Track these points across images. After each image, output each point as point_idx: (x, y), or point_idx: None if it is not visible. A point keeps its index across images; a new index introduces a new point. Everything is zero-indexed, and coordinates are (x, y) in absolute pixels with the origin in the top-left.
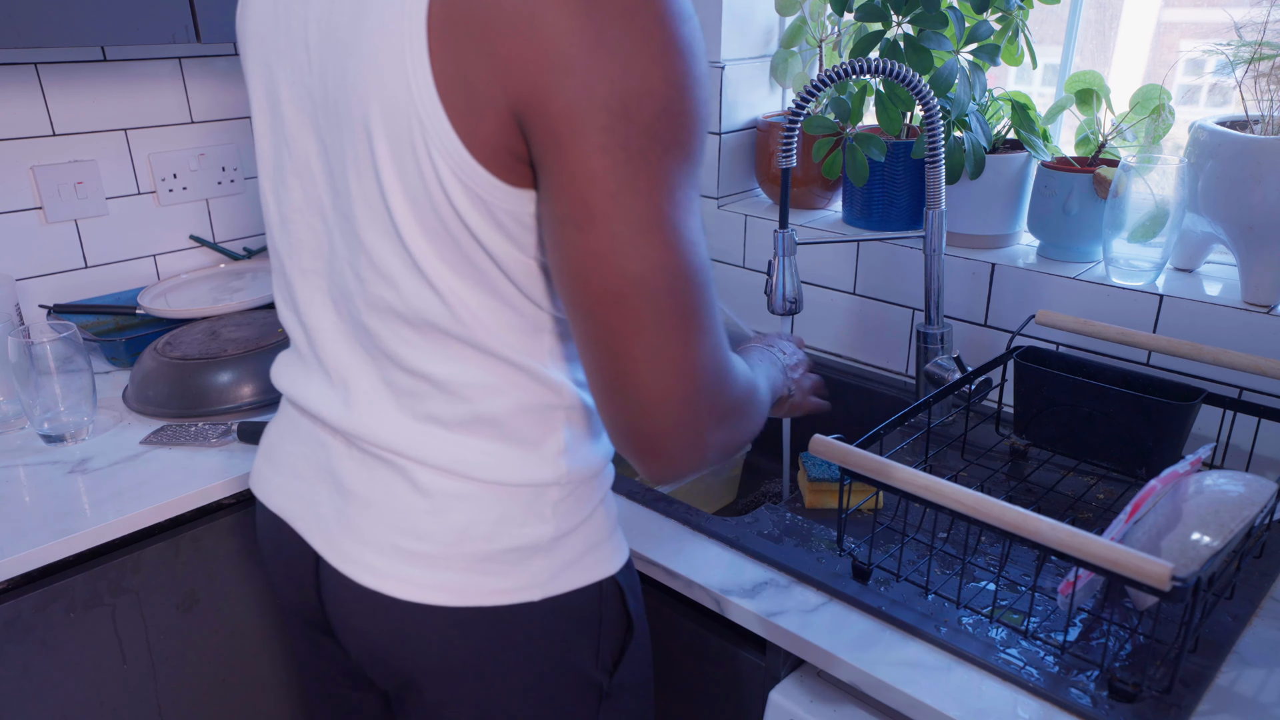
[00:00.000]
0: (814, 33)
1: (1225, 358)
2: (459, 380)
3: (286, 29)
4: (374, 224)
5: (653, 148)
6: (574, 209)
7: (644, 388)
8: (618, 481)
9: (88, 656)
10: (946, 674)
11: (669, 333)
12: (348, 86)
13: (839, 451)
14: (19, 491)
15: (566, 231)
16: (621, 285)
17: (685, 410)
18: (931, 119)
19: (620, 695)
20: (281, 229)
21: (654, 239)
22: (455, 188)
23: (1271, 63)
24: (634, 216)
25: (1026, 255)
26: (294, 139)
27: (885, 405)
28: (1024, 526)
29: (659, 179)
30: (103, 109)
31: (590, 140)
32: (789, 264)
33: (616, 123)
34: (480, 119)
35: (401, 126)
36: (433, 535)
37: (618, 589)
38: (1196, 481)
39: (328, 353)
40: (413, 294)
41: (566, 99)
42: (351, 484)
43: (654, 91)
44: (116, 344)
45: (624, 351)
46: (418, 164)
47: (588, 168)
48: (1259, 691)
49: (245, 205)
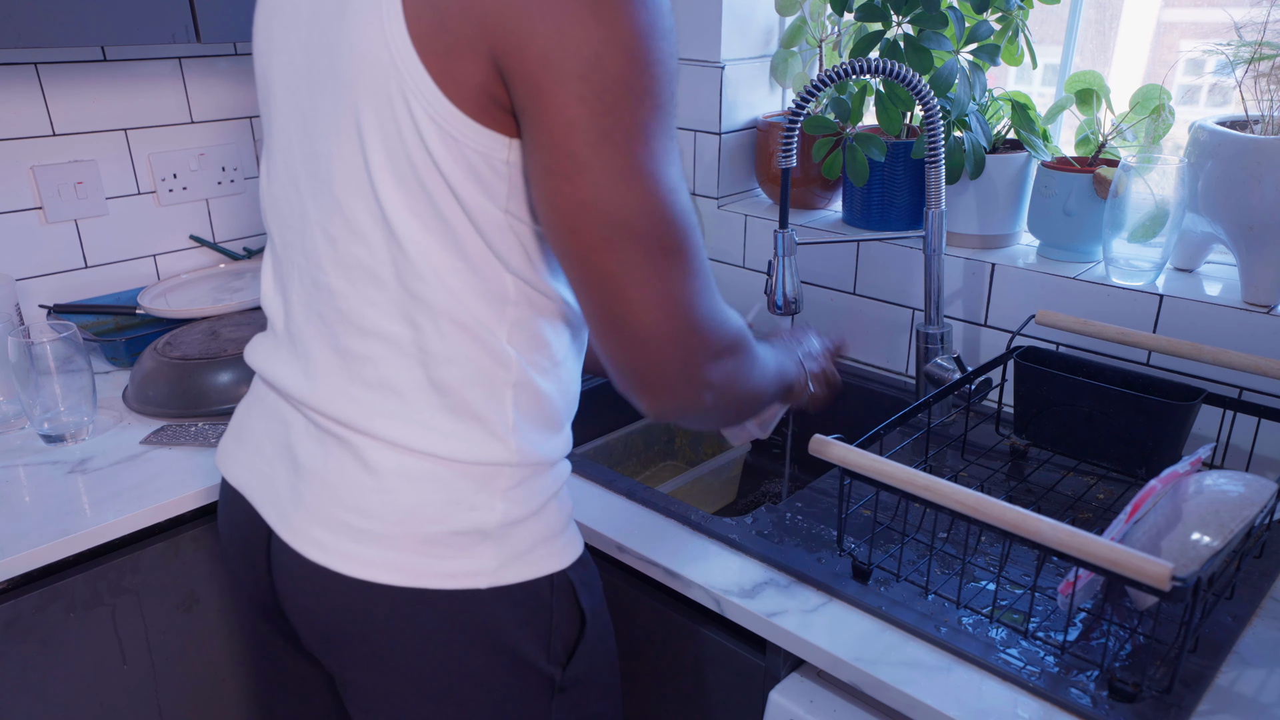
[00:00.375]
0: (814, 33)
1: (1225, 358)
2: (416, 342)
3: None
4: (349, 180)
5: (627, 98)
6: (558, 160)
7: (638, 324)
8: (618, 480)
9: (88, 656)
10: (946, 674)
11: (658, 272)
12: (329, 49)
13: (839, 451)
14: (19, 491)
15: (554, 181)
16: (609, 231)
17: (678, 342)
18: (931, 119)
19: (575, 689)
20: (272, 208)
21: (635, 186)
22: (430, 131)
23: (1271, 63)
24: (615, 165)
25: (1026, 255)
26: (278, 113)
27: (885, 405)
28: (1024, 526)
29: (635, 129)
30: (103, 109)
31: (569, 87)
32: (789, 264)
33: (591, 71)
34: (458, 62)
35: (379, 78)
36: (381, 514)
37: (569, 584)
38: (1196, 481)
39: (296, 326)
40: (381, 248)
41: (542, 44)
42: (306, 460)
43: (623, 41)
44: (116, 344)
45: (617, 292)
46: (394, 112)
47: (567, 116)
48: (1259, 691)
49: (245, 205)
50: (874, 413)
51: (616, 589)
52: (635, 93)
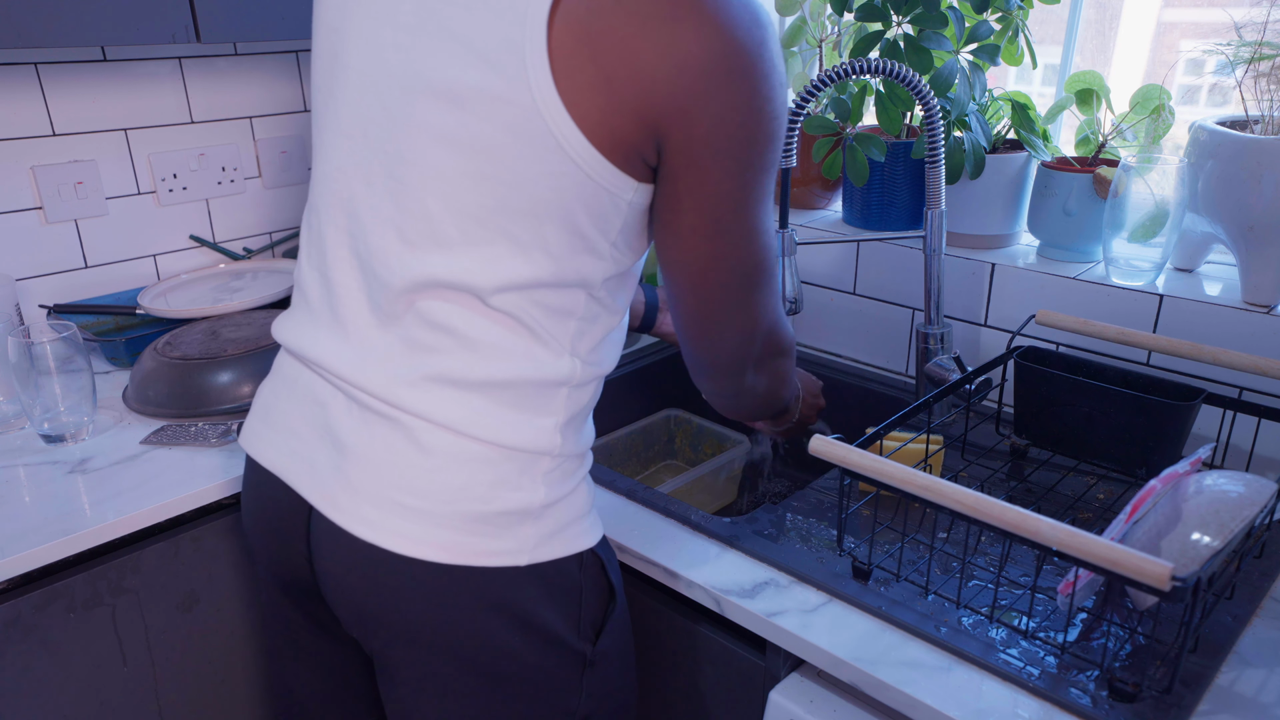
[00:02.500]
0: (814, 33)
1: (1225, 358)
2: (482, 339)
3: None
4: (440, 193)
5: (762, 171)
6: (703, 222)
7: (725, 335)
8: (618, 480)
9: (88, 656)
10: (946, 674)
11: (749, 298)
12: (444, 69)
13: (839, 451)
14: (19, 491)
15: (695, 240)
16: (728, 277)
17: (752, 344)
18: (931, 119)
19: (603, 664)
20: (323, 184)
21: (756, 243)
22: (563, 167)
23: (1271, 63)
24: (748, 228)
25: (1026, 255)
26: (351, 100)
27: (885, 405)
28: (1024, 526)
29: (764, 195)
30: (103, 109)
31: (723, 165)
32: (789, 264)
33: (741, 151)
34: (617, 119)
35: (515, 112)
36: (431, 493)
37: (597, 560)
38: (1196, 481)
39: (347, 307)
40: (462, 261)
41: (706, 125)
42: (350, 440)
43: (765, 126)
44: (116, 344)
45: (716, 315)
46: (525, 147)
47: (718, 189)
48: (1259, 691)
49: (245, 205)
50: (874, 413)
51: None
52: (769, 166)
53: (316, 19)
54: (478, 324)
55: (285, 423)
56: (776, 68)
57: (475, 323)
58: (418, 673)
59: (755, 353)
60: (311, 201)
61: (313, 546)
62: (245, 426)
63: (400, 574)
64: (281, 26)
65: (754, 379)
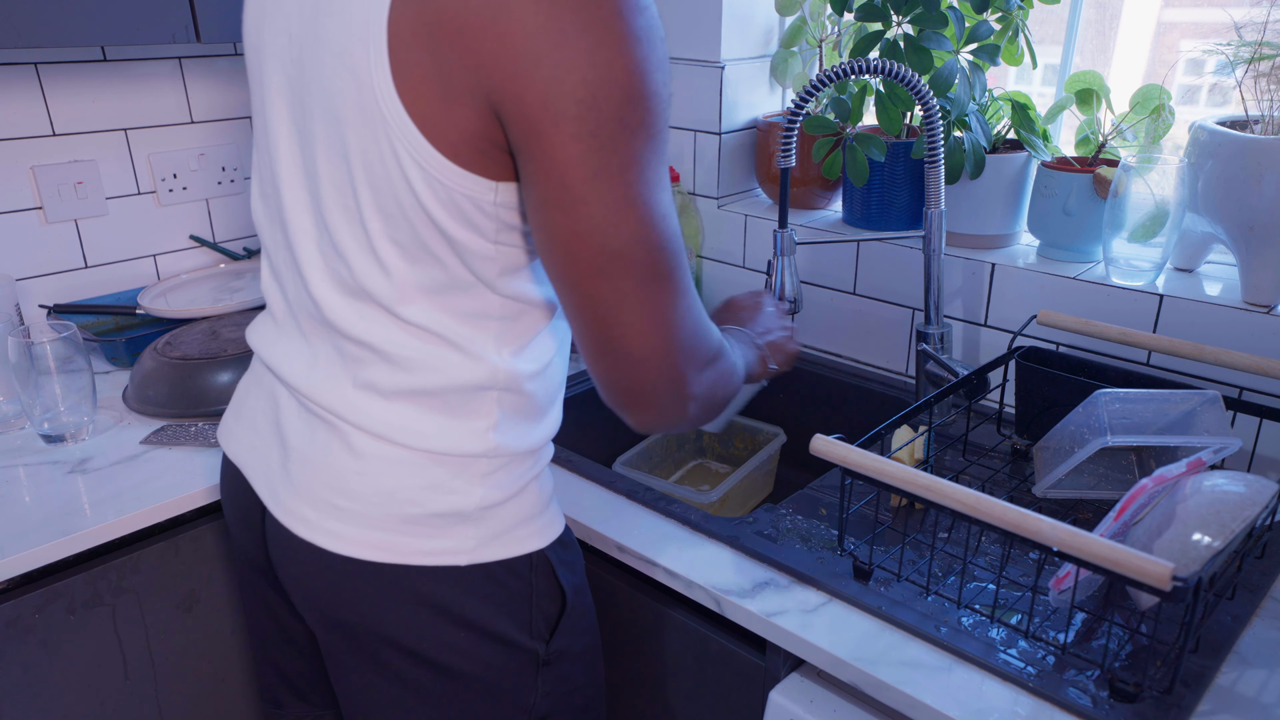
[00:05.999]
0: (814, 33)
1: (1226, 358)
2: (400, 353)
3: (275, 14)
4: (338, 204)
5: (621, 133)
6: (555, 192)
7: (629, 347)
8: (619, 480)
9: (88, 657)
10: (947, 674)
11: (649, 297)
12: (320, 77)
13: (840, 451)
14: (19, 491)
15: (550, 213)
16: (603, 260)
17: (668, 362)
18: (931, 119)
19: (560, 662)
20: (263, 208)
21: (629, 216)
22: (417, 175)
23: (1271, 63)
24: (610, 198)
25: (1026, 255)
26: (273, 121)
27: (885, 405)
28: (1024, 526)
29: (629, 161)
30: (103, 109)
31: (565, 128)
32: (789, 264)
33: (587, 111)
34: (456, 109)
35: (366, 120)
36: (364, 496)
37: (548, 562)
38: (1197, 481)
39: (295, 316)
40: (364, 273)
41: (539, 90)
42: (294, 440)
43: (617, 80)
44: (116, 344)
45: (610, 317)
46: (380, 154)
47: (564, 154)
48: (1259, 691)
49: (245, 205)
50: (874, 413)
51: (616, 589)
52: (630, 127)
53: (245, 42)
54: (394, 337)
55: (250, 418)
56: (626, 17)
57: (391, 336)
58: (364, 662)
59: (674, 373)
60: (256, 214)
61: (268, 538)
62: (222, 419)
63: (338, 571)
64: None
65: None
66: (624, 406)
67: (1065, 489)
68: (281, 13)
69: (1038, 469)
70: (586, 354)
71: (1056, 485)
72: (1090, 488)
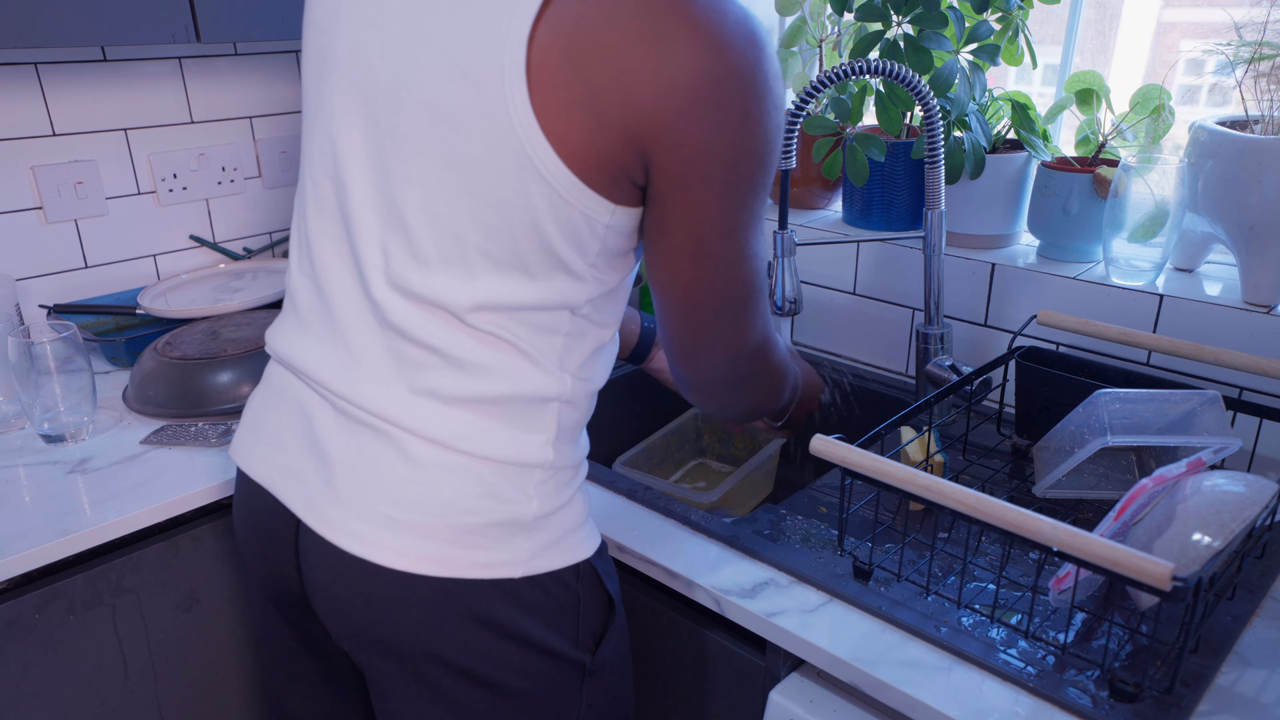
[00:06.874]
0: (814, 33)
1: (1226, 358)
2: (468, 358)
3: (361, 3)
4: (423, 210)
5: (752, 194)
6: (690, 244)
7: (713, 357)
8: (619, 480)
9: (88, 657)
10: (947, 674)
11: (738, 321)
12: (423, 79)
13: (840, 451)
14: (19, 491)
15: (680, 260)
16: (718, 302)
17: (739, 366)
18: (931, 119)
19: (603, 673)
20: (312, 191)
21: (744, 267)
22: (540, 192)
23: (1271, 63)
24: (735, 252)
25: (1026, 255)
26: (339, 111)
27: (885, 405)
28: (1025, 526)
29: (752, 217)
30: (103, 109)
31: (712, 190)
32: (789, 264)
33: (730, 174)
34: (600, 139)
35: (490, 130)
36: (420, 505)
37: (594, 571)
38: (1197, 482)
39: (338, 317)
40: (441, 279)
41: (694, 147)
42: (336, 452)
43: (757, 150)
44: (116, 344)
45: (704, 337)
46: (498, 167)
47: (706, 213)
48: (1259, 691)
49: (245, 205)
50: (874, 413)
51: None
52: (757, 188)
53: (307, 19)
54: (462, 342)
55: (274, 434)
56: (772, 89)
57: (459, 341)
58: (412, 684)
59: (742, 371)
60: (301, 207)
61: (301, 560)
62: (235, 438)
63: (391, 587)
64: (281, 26)
65: (741, 394)
66: (698, 398)
67: (1065, 489)
68: (374, 4)
69: (1038, 469)
70: (673, 357)
71: (1056, 485)
72: (1090, 488)
